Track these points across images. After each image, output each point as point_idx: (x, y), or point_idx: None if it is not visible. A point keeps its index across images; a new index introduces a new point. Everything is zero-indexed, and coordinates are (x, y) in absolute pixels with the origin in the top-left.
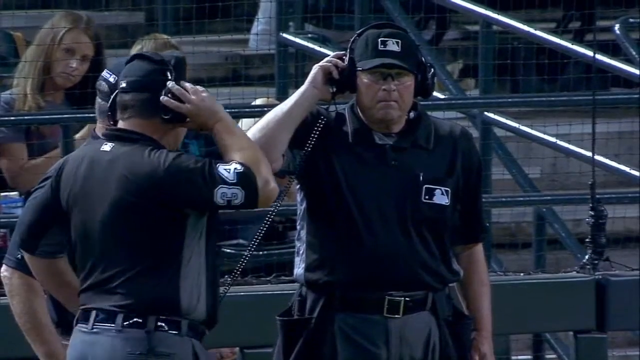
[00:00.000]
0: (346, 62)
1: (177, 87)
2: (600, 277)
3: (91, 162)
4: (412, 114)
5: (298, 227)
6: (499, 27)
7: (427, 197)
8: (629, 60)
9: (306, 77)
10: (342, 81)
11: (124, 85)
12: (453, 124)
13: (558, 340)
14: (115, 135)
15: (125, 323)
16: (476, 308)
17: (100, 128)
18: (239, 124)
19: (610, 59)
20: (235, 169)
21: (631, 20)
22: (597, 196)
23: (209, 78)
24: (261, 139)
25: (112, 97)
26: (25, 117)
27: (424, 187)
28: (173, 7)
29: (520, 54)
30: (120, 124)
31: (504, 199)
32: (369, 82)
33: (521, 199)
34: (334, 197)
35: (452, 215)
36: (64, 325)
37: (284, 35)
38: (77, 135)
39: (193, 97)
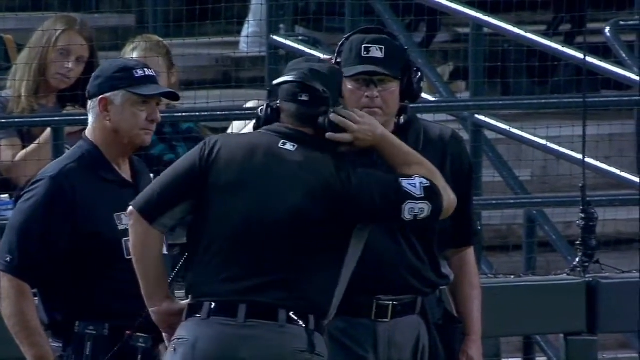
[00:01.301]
0: None
1: (344, 112)
2: (590, 279)
3: (272, 154)
4: (402, 119)
5: None
6: (489, 29)
7: None
8: (619, 63)
9: None
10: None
11: (306, 98)
12: (443, 128)
13: (548, 343)
14: (294, 136)
15: (287, 319)
16: (466, 311)
17: (90, 130)
18: (230, 127)
19: (601, 61)
20: (421, 182)
21: (622, 22)
22: (588, 198)
23: (199, 80)
24: None
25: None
26: (16, 120)
27: None
28: (163, 9)
29: (510, 57)
30: (292, 127)
31: (494, 202)
32: (352, 88)
33: (512, 201)
34: None
35: (441, 220)
36: (54, 328)
37: (275, 37)
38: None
39: (359, 119)
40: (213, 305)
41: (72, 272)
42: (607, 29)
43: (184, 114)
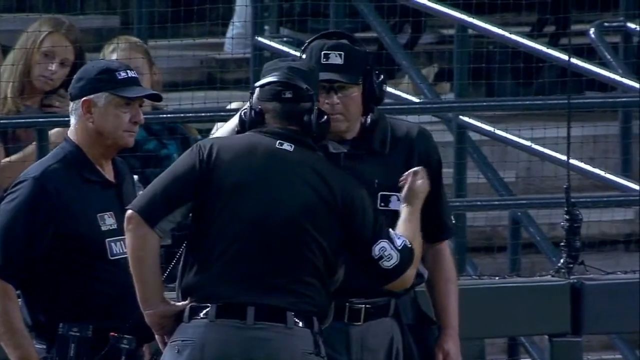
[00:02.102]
0: None
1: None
2: (575, 280)
3: (272, 155)
4: (368, 119)
5: None
6: (474, 31)
7: (382, 204)
8: (603, 64)
9: None
10: None
11: (289, 95)
12: (410, 125)
13: (533, 344)
14: (288, 136)
15: (296, 322)
16: (442, 306)
17: (72, 131)
18: (214, 128)
19: (585, 62)
20: (404, 241)
21: (606, 24)
22: (572, 200)
23: (184, 82)
24: None
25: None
26: (0, 121)
27: (379, 194)
28: (148, 10)
29: (495, 58)
30: (283, 127)
31: (479, 203)
32: None
33: (496, 202)
34: None
35: None
36: (38, 329)
37: (260, 39)
38: (52, 131)
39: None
40: (220, 307)
41: (56, 273)
42: (592, 31)
43: (168, 115)
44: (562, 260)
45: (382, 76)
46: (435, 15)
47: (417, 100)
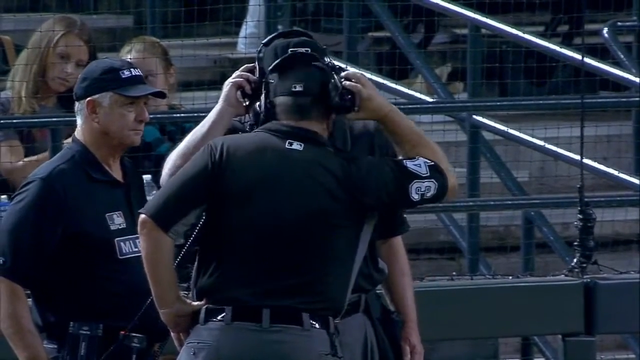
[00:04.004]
0: (257, 75)
1: (352, 72)
2: (588, 280)
3: (282, 157)
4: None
5: None
6: (487, 30)
7: None
8: (617, 64)
9: None
10: (255, 94)
11: (300, 89)
12: (365, 121)
13: (546, 344)
14: (299, 135)
15: (312, 323)
16: (400, 299)
17: (79, 132)
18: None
19: (599, 62)
20: (425, 162)
21: (619, 23)
22: (586, 199)
23: (197, 81)
24: (183, 164)
25: (264, 97)
26: (14, 120)
27: None
28: (161, 10)
29: (508, 58)
30: (292, 124)
31: (492, 203)
32: None
33: (509, 202)
34: None
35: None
36: (48, 329)
37: None
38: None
39: (368, 83)
40: (236, 310)
41: (65, 273)
42: (605, 30)
43: (181, 115)
44: (575, 260)
45: (342, 71)
46: (449, 14)
47: (431, 100)
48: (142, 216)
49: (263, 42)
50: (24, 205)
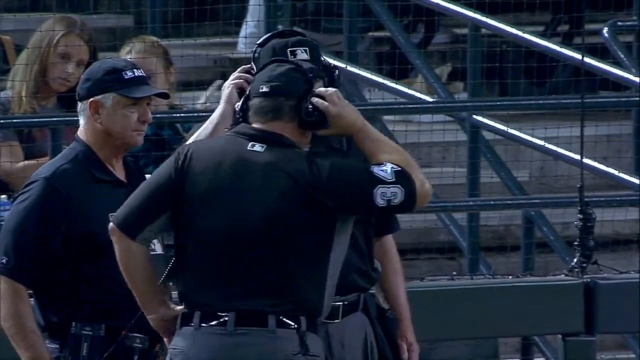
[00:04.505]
0: (254, 75)
1: (324, 89)
2: (588, 280)
3: (241, 159)
4: None
5: None
6: (487, 30)
7: None
8: (617, 64)
9: None
10: None
11: (266, 89)
12: None
13: (547, 343)
14: (262, 137)
15: (278, 324)
16: (394, 297)
17: (82, 132)
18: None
19: (599, 62)
20: (391, 167)
21: (619, 23)
22: (586, 199)
23: (197, 81)
24: None
25: (243, 99)
26: (14, 120)
27: None
28: (161, 10)
29: (508, 57)
30: (259, 126)
31: (492, 202)
32: None
33: (510, 202)
34: None
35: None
36: (50, 329)
37: None
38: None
39: (340, 101)
40: (203, 314)
41: (68, 272)
42: (605, 30)
43: (182, 115)
44: (575, 260)
45: (337, 70)
46: (449, 14)
47: (431, 100)
48: (110, 224)
49: (257, 42)
50: (27, 205)
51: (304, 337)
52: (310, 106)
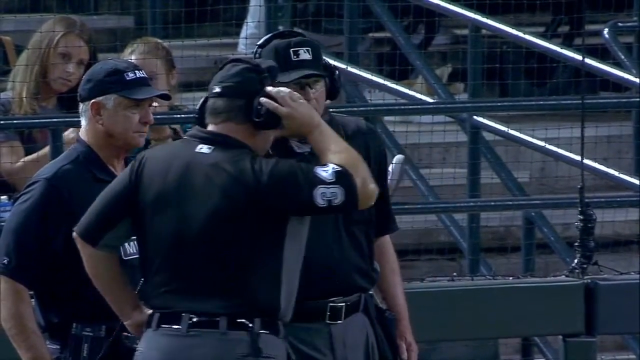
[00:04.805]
0: None
1: (276, 90)
2: (589, 281)
3: (187, 163)
4: (325, 118)
5: None
6: (488, 31)
7: None
8: (618, 64)
9: None
10: None
11: (218, 90)
12: (357, 120)
13: (547, 344)
14: (211, 139)
15: (229, 326)
16: (392, 297)
17: (83, 132)
18: None
19: (599, 63)
20: (332, 168)
21: (620, 24)
22: (586, 200)
23: (198, 82)
24: None
25: (202, 100)
26: (15, 121)
27: None
28: (162, 10)
29: (509, 58)
30: (212, 127)
31: (492, 203)
32: None
33: (510, 203)
34: None
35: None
36: (51, 330)
37: None
38: (66, 133)
39: (292, 102)
40: (161, 316)
41: (69, 273)
42: (606, 31)
43: (182, 116)
44: (576, 261)
45: (337, 71)
46: (449, 15)
47: (431, 101)
48: (73, 233)
49: (257, 44)
50: (28, 206)
51: (256, 340)
52: (259, 106)
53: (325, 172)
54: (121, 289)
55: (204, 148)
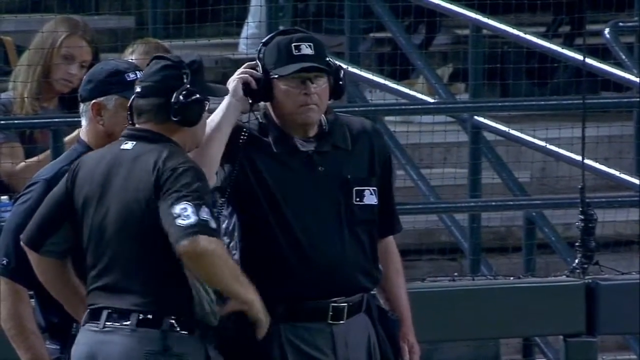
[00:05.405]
0: (260, 72)
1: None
2: (590, 281)
3: (112, 161)
4: (329, 117)
5: (226, 240)
6: (488, 31)
7: (357, 199)
8: (618, 64)
9: None
10: (258, 91)
11: (139, 89)
12: (362, 120)
13: (548, 344)
14: (135, 135)
15: (140, 322)
16: (395, 298)
17: (84, 133)
18: None
19: (600, 62)
20: (211, 220)
21: (621, 24)
22: (587, 200)
23: None
24: (196, 158)
25: (130, 101)
26: (15, 121)
27: (354, 189)
28: (163, 10)
29: (510, 58)
30: (138, 125)
31: (493, 203)
32: (288, 88)
33: (511, 203)
34: (270, 209)
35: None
36: (51, 330)
37: None
38: (67, 139)
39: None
40: (90, 312)
41: None
42: (607, 31)
43: None
44: (576, 261)
45: (342, 70)
46: (450, 15)
47: (432, 101)
48: (21, 241)
49: (262, 42)
50: (28, 206)
51: (166, 337)
52: (176, 105)
53: (207, 215)
54: (72, 292)
55: (128, 144)
